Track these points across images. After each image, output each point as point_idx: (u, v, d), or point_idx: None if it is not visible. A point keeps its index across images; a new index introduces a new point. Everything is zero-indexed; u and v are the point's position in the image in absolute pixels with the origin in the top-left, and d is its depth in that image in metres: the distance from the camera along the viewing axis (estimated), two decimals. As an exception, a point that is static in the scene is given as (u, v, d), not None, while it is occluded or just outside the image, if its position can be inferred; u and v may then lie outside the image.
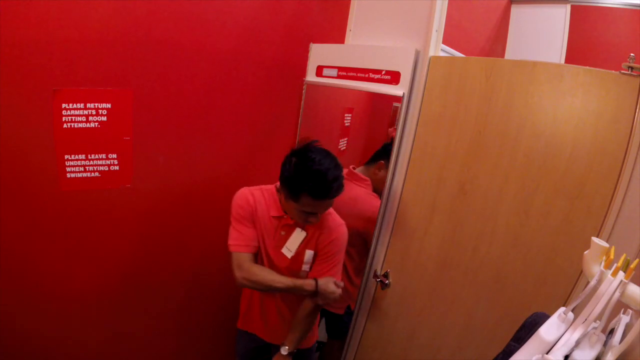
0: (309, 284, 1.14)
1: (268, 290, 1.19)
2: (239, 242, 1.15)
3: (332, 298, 1.15)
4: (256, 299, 1.33)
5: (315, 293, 1.14)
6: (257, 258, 1.22)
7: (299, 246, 1.17)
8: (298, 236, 1.18)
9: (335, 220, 1.21)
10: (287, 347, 1.21)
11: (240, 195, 1.19)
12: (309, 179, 0.98)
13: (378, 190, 1.57)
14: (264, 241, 1.20)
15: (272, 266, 1.21)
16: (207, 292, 1.63)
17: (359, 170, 1.61)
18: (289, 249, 1.18)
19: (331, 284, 1.15)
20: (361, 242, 1.56)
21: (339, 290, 1.16)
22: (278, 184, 1.12)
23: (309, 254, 1.18)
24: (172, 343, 1.63)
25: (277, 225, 1.19)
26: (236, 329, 1.43)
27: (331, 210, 1.21)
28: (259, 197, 1.19)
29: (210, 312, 1.67)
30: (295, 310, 1.28)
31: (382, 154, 1.56)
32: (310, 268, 1.21)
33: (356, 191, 1.56)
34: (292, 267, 1.20)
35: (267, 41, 1.44)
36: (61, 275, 1.22)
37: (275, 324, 1.32)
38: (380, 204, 1.43)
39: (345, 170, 1.62)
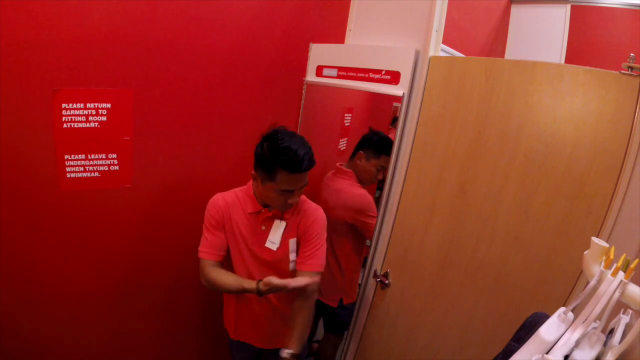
0: (249, 283, 1.13)
1: (225, 291, 1.24)
2: (204, 249, 1.19)
3: (277, 290, 1.10)
4: (243, 307, 1.29)
5: (259, 292, 1.11)
6: (240, 261, 1.21)
7: (282, 236, 1.18)
8: (279, 227, 1.18)
9: (312, 205, 1.23)
10: (289, 350, 1.11)
11: (211, 202, 1.21)
12: (282, 154, 1.03)
13: (363, 180, 1.62)
14: (246, 241, 1.19)
15: (259, 262, 1.20)
16: (207, 292, 1.63)
17: (344, 166, 1.65)
18: (273, 241, 1.18)
19: (273, 280, 1.08)
20: (350, 232, 1.58)
21: (283, 282, 1.07)
22: (253, 171, 1.14)
23: (292, 242, 1.19)
24: (173, 342, 1.63)
25: (255, 221, 1.19)
26: (229, 339, 1.40)
27: (306, 198, 1.25)
28: (231, 199, 1.20)
29: (210, 312, 1.67)
30: (291, 302, 1.26)
31: (361, 145, 1.61)
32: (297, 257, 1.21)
33: (339, 183, 1.61)
34: (279, 259, 1.20)
35: (267, 41, 1.44)
36: (61, 275, 1.22)
37: (271, 327, 1.29)
38: (380, 203, 1.44)
39: (333, 168, 1.65)
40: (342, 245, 1.61)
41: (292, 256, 1.20)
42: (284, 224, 1.19)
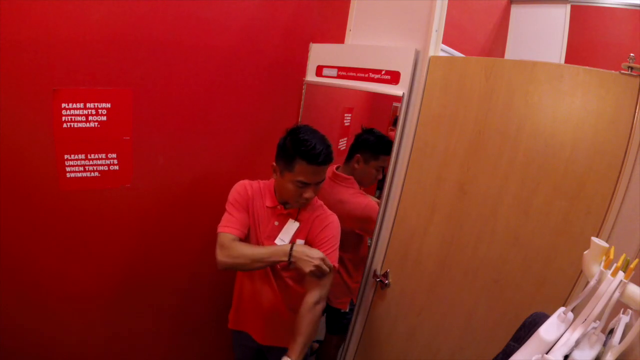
0: (283, 248, 1.12)
1: (248, 265, 1.14)
2: (228, 224, 1.17)
3: (310, 265, 1.09)
4: (248, 289, 1.30)
5: (289, 260, 1.11)
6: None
7: (292, 236, 1.20)
8: (291, 227, 1.21)
9: (326, 211, 1.27)
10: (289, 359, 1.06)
11: (239, 185, 1.26)
12: (301, 145, 1.09)
13: (363, 183, 1.59)
14: (259, 230, 1.22)
15: None
16: (207, 292, 1.63)
17: (341, 170, 1.62)
18: (282, 239, 1.21)
19: (308, 249, 1.11)
20: (356, 238, 1.58)
21: (317, 262, 1.10)
22: (274, 163, 1.17)
23: (299, 243, 1.20)
24: (173, 342, 1.63)
25: (270, 215, 1.22)
26: (231, 331, 1.41)
27: (322, 203, 1.29)
28: (256, 188, 1.26)
29: (210, 312, 1.67)
30: (294, 304, 1.27)
31: (357, 147, 1.59)
32: None
33: (342, 193, 1.57)
34: None
35: (267, 41, 1.44)
36: (61, 275, 1.22)
37: (272, 321, 1.29)
38: (380, 203, 1.44)
39: (329, 173, 1.63)
40: (350, 252, 1.60)
41: None
42: (297, 224, 1.21)
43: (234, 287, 1.38)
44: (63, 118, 1.08)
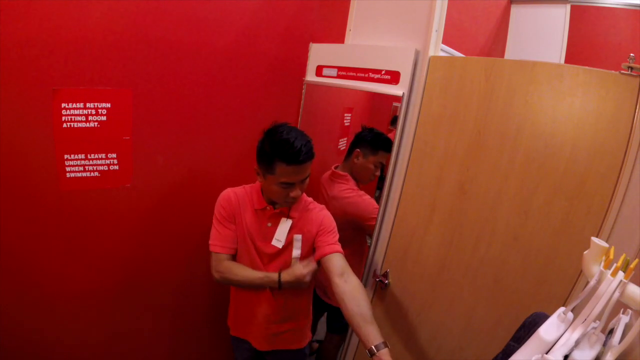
0: (273, 278, 1.18)
1: (244, 285, 1.23)
2: (217, 242, 1.21)
3: (303, 283, 1.18)
4: (244, 298, 1.30)
5: (280, 285, 1.17)
6: (245, 253, 1.23)
7: (287, 235, 1.20)
8: (285, 225, 1.20)
9: (317, 205, 1.27)
10: (381, 345, 0.93)
11: (222, 196, 1.23)
12: (279, 145, 1.05)
13: (361, 179, 1.61)
14: (252, 235, 1.21)
15: (263, 258, 1.22)
16: (207, 292, 1.63)
17: (339, 168, 1.64)
18: (279, 239, 1.20)
19: (292, 274, 1.17)
20: (351, 234, 1.58)
21: (307, 274, 1.17)
22: (256, 166, 1.16)
23: (296, 238, 1.20)
24: (173, 342, 1.63)
25: (262, 217, 1.21)
26: (231, 336, 1.41)
27: (312, 200, 1.29)
28: (241, 194, 1.23)
29: (210, 312, 1.67)
30: (292, 307, 1.27)
31: (356, 143, 1.61)
32: (300, 254, 1.22)
33: (336, 189, 1.60)
34: (283, 255, 1.21)
35: (267, 41, 1.44)
36: (61, 275, 1.22)
37: (269, 328, 1.28)
38: (380, 202, 1.44)
39: (329, 172, 1.64)
40: (348, 248, 1.60)
41: (296, 252, 1.22)
42: (290, 222, 1.20)
43: (230, 295, 1.38)
44: (63, 118, 1.08)
